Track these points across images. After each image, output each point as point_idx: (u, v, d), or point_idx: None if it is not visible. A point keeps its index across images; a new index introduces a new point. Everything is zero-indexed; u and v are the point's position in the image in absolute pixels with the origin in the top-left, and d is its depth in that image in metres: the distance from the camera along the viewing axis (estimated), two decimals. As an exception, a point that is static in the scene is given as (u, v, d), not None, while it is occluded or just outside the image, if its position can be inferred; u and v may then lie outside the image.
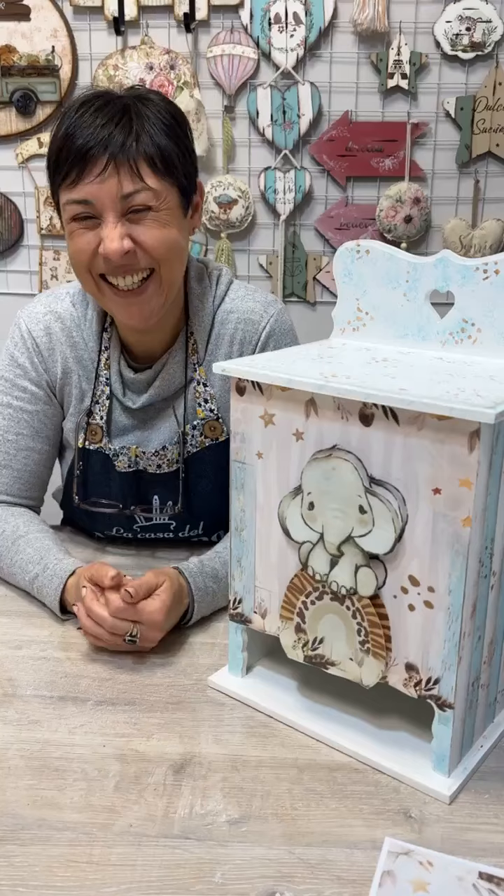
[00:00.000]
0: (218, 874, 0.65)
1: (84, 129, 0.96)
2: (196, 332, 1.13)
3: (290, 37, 2.15)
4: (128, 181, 0.96)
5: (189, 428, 1.14)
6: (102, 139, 0.95)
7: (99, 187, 0.96)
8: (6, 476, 1.16)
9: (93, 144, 0.95)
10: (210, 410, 1.14)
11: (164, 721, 0.84)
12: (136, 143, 0.97)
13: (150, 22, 2.19)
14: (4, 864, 0.66)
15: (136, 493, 1.17)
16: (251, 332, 1.14)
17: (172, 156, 1.00)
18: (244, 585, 0.85)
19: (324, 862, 0.67)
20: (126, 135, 0.96)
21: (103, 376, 1.14)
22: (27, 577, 1.06)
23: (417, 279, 0.84)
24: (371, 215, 2.25)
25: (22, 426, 1.15)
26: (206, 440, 1.15)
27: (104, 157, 0.95)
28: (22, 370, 1.15)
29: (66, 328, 1.14)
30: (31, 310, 1.16)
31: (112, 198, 0.97)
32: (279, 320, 1.16)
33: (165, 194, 1.00)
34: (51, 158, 1.01)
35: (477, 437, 0.66)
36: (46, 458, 1.20)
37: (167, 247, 1.01)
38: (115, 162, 0.96)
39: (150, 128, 0.98)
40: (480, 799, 0.74)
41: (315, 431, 0.76)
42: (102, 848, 0.68)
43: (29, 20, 2.21)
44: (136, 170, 0.96)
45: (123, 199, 0.97)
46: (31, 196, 2.33)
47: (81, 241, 1.00)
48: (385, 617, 0.75)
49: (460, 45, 2.13)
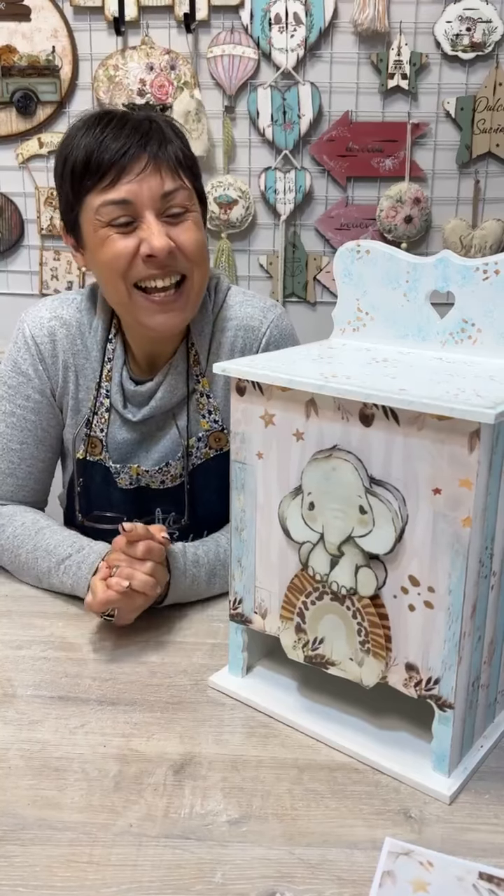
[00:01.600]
0: (218, 874, 0.65)
1: (115, 134, 0.97)
2: (197, 343, 1.12)
3: (290, 37, 2.15)
4: (169, 179, 0.98)
5: (194, 440, 1.14)
6: (139, 140, 0.97)
7: (139, 186, 0.97)
8: (10, 484, 1.15)
9: (131, 144, 0.97)
10: (214, 422, 1.14)
11: (164, 721, 0.84)
12: (170, 145, 1.00)
13: (151, 22, 2.19)
14: (5, 864, 0.66)
15: (138, 507, 1.16)
16: (251, 340, 1.13)
17: (192, 159, 1.03)
18: (244, 585, 0.85)
19: (324, 862, 0.67)
20: (161, 138, 0.99)
21: (104, 388, 1.13)
22: (55, 559, 1.04)
23: (417, 279, 0.84)
24: (371, 215, 2.25)
25: (26, 435, 1.14)
26: (210, 451, 1.14)
27: (145, 156, 0.97)
28: (26, 378, 1.13)
29: (71, 335, 1.13)
30: (35, 314, 1.14)
31: (153, 196, 0.98)
32: (279, 325, 1.15)
33: (194, 196, 1.03)
34: (76, 167, 0.99)
35: (477, 437, 0.66)
36: (49, 465, 1.19)
37: (201, 250, 1.02)
38: (156, 160, 0.98)
39: (170, 135, 1.02)
40: (480, 799, 0.74)
41: (315, 431, 0.76)
42: (103, 848, 0.68)
43: (29, 20, 2.21)
44: (174, 169, 0.99)
45: (164, 197, 0.98)
46: (32, 196, 2.34)
47: (118, 246, 0.99)
48: (385, 617, 0.75)
49: (460, 46, 2.13)
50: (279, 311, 1.17)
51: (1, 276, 2.41)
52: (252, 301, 1.15)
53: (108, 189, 0.97)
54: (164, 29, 2.19)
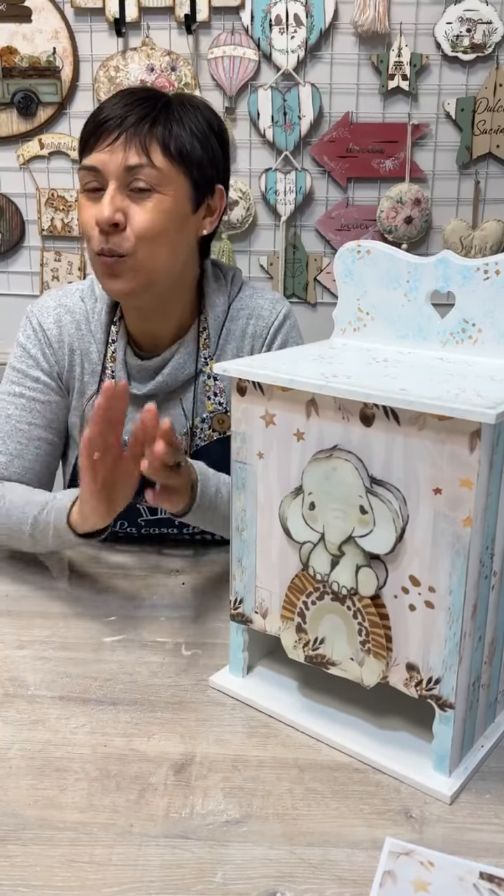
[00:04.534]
0: (219, 874, 0.65)
1: (111, 107, 1.03)
2: (210, 326, 1.16)
3: (290, 38, 2.15)
4: (134, 154, 1.01)
5: (198, 421, 1.17)
6: (121, 115, 1.02)
7: (108, 156, 1.01)
8: (17, 466, 1.17)
9: (111, 118, 1.02)
10: (219, 404, 1.17)
11: (165, 721, 0.84)
12: (152, 124, 1.02)
13: (151, 23, 2.19)
14: (6, 863, 0.66)
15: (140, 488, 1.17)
16: (262, 327, 1.19)
17: (189, 147, 1.04)
18: (245, 585, 0.85)
19: (325, 862, 0.67)
20: (143, 116, 1.02)
21: (109, 368, 1.16)
22: (34, 512, 1.07)
23: (418, 280, 0.84)
24: (372, 216, 2.25)
25: (34, 416, 1.17)
26: (214, 434, 1.17)
27: (117, 130, 1.01)
28: (34, 360, 1.17)
29: (76, 321, 1.17)
30: (41, 303, 1.19)
31: (117, 166, 1.01)
32: (288, 316, 1.22)
33: (174, 180, 1.03)
34: (80, 134, 1.07)
35: (477, 437, 0.66)
36: (56, 449, 1.21)
37: (153, 232, 1.02)
38: (127, 135, 1.01)
39: (174, 120, 1.04)
40: (481, 799, 0.74)
41: (316, 432, 0.76)
42: (103, 848, 0.68)
43: (30, 21, 2.21)
44: (144, 146, 1.01)
45: (128, 170, 1.01)
46: (33, 197, 2.34)
47: (86, 214, 1.05)
48: (386, 617, 0.75)
49: (461, 47, 2.13)
50: (287, 303, 1.24)
51: (2, 277, 2.41)
52: (263, 293, 1.23)
53: (86, 154, 1.04)
54: (164, 30, 2.19)
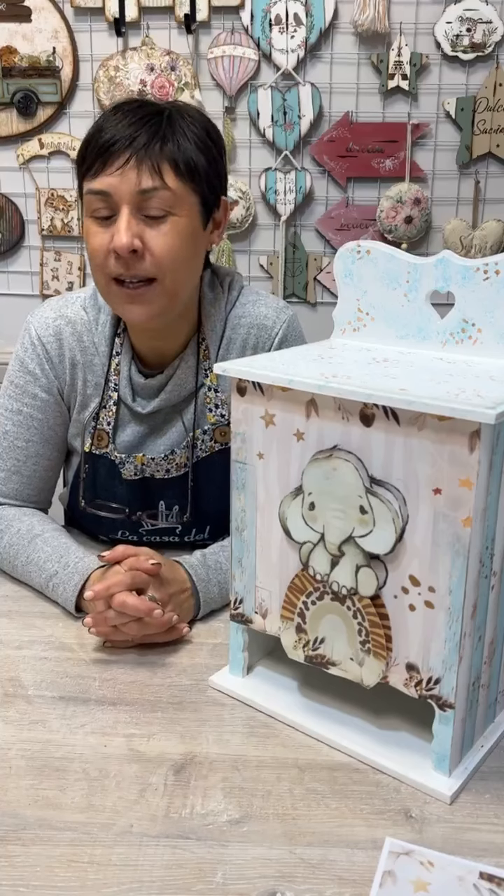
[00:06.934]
0: (219, 874, 0.65)
1: (114, 125, 0.99)
2: (208, 338, 1.13)
3: (290, 38, 2.15)
4: (147, 177, 0.97)
5: (200, 433, 1.14)
6: (128, 135, 0.98)
7: (119, 180, 0.97)
8: (16, 482, 1.16)
9: (118, 139, 0.97)
10: (221, 416, 1.14)
11: (165, 721, 0.84)
12: (162, 143, 0.98)
13: (151, 23, 2.19)
14: (6, 864, 0.66)
15: (142, 499, 1.17)
16: (264, 338, 1.15)
17: (197, 163, 1.01)
18: (245, 585, 0.85)
19: (324, 862, 0.67)
20: (152, 135, 0.98)
21: (112, 381, 1.13)
22: (44, 575, 1.05)
23: (418, 279, 0.84)
24: (372, 216, 2.25)
25: (32, 433, 1.15)
26: (215, 445, 1.15)
27: (127, 152, 0.97)
28: (32, 377, 1.14)
29: (77, 332, 1.14)
30: (41, 314, 1.16)
31: (130, 191, 0.97)
32: (291, 326, 1.17)
33: (186, 199, 1.00)
34: (79, 153, 1.03)
35: (477, 437, 0.66)
36: (55, 464, 1.20)
37: (173, 257, 1.00)
38: (137, 157, 0.97)
39: (180, 134, 1.00)
40: (481, 799, 0.74)
41: (316, 432, 0.76)
42: (103, 848, 0.68)
43: (30, 21, 2.21)
44: (157, 168, 0.97)
45: (141, 194, 0.97)
46: (32, 197, 2.34)
47: (95, 240, 1.01)
48: (386, 617, 0.75)
49: (461, 46, 2.13)
50: (291, 312, 1.19)
51: (2, 277, 2.41)
52: (265, 301, 1.17)
53: (93, 178, 0.99)
54: (164, 30, 2.19)
